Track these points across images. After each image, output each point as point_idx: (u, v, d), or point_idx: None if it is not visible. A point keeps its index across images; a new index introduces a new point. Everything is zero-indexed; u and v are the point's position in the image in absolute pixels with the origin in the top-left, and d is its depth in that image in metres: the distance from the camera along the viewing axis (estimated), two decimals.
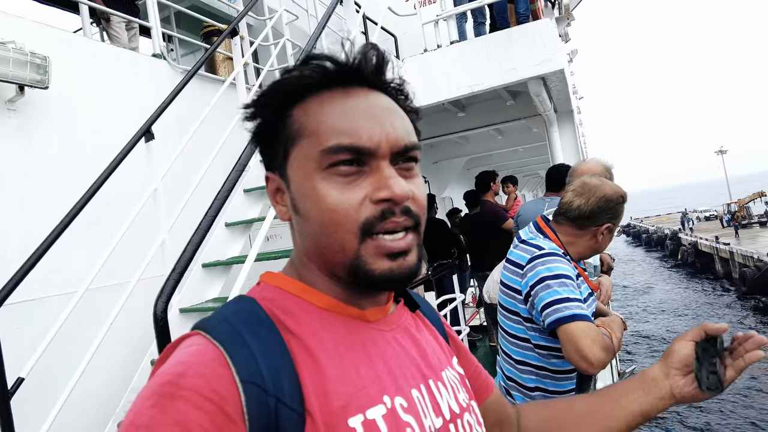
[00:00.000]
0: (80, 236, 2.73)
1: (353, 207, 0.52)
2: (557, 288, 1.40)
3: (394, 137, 0.54)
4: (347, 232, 0.52)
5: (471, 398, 0.66)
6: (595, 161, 2.26)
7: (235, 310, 0.53)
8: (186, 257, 1.94)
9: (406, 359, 0.59)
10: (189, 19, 5.13)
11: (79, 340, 2.46)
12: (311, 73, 0.55)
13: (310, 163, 0.53)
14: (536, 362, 1.54)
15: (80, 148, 3.09)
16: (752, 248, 24.03)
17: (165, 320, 1.74)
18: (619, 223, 1.56)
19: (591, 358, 1.29)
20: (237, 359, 0.46)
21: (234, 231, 3.06)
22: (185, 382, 0.44)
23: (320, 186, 0.52)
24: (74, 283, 2.51)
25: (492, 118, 5.70)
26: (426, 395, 0.57)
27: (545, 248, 1.52)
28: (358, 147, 0.52)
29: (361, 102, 0.55)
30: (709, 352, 0.73)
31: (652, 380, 0.76)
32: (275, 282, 0.58)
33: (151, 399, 0.43)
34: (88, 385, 2.45)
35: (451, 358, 0.69)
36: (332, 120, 0.53)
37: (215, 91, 3.49)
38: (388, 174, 0.53)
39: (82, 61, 3.23)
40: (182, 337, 0.52)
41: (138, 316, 2.63)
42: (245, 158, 2.41)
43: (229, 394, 0.44)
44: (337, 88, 0.56)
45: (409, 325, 0.65)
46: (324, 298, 0.57)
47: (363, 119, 0.53)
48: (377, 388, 0.53)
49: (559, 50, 3.94)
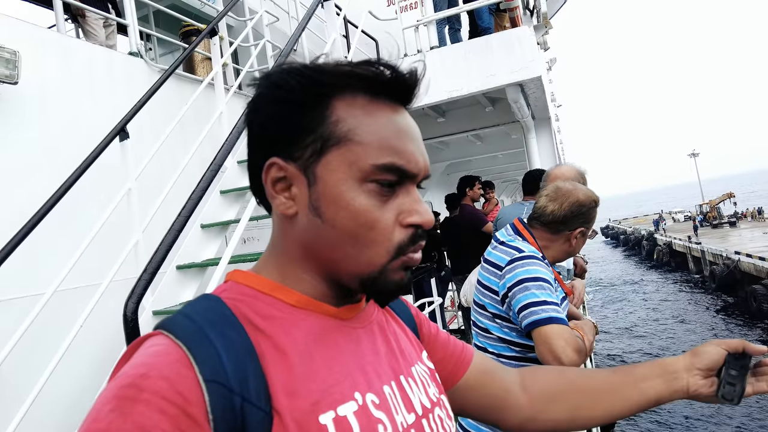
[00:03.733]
0: (50, 237, 2.66)
1: (389, 228, 0.53)
2: (535, 291, 1.42)
3: (426, 165, 0.57)
4: (381, 251, 0.53)
5: (441, 392, 0.66)
6: (569, 166, 2.30)
7: (199, 308, 0.52)
8: (158, 258, 1.90)
9: (378, 356, 0.59)
10: (169, 19, 5.06)
11: (47, 343, 2.40)
12: (366, 72, 0.53)
13: (354, 172, 0.52)
14: (512, 353, 1.56)
15: (52, 145, 3.01)
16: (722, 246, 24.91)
17: (135, 322, 1.71)
18: (592, 227, 1.59)
19: (563, 359, 1.31)
20: (200, 358, 0.45)
21: (209, 233, 3.03)
22: (147, 384, 0.42)
23: (360, 198, 0.52)
24: (43, 285, 2.44)
25: (471, 123, 5.76)
26: (397, 391, 0.58)
27: (525, 251, 1.53)
28: (406, 171, 0.54)
29: (406, 122, 0.56)
30: (738, 365, 0.75)
31: (674, 372, 0.78)
32: (245, 280, 0.57)
33: (110, 403, 0.42)
34: (57, 389, 2.39)
35: (420, 352, 0.69)
36: (386, 136, 0.53)
37: (193, 91, 3.45)
38: (417, 199, 0.56)
39: (54, 57, 3.15)
40: (144, 336, 0.51)
41: (110, 318, 2.57)
42: (220, 158, 2.38)
43: (193, 395, 0.43)
44: (382, 98, 0.55)
45: (380, 322, 0.65)
46: (296, 296, 0.56)
47: (411, 143, 0.55)
48: (348, 385, 0.52)
49: (536, 57, 4.01)
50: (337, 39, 3.74)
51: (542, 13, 4.50)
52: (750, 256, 20.96)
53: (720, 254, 24.00)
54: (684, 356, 0.80)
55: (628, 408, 0.78)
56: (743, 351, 0.75)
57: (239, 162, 3.41)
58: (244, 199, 3.25)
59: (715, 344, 0.77)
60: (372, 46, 5.53)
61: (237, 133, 2.53)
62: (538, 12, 4.70)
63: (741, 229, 34.11)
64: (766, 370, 0.76)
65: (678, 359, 0.79)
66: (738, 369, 0.75)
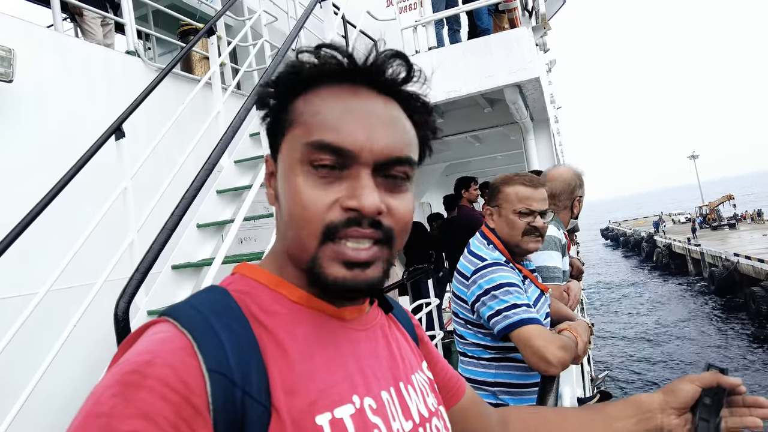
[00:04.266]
0: (44, 236, 2.65)
1: (321, 207, 0.51)
2: (502, 297, 1.44)
3: (380, 146, 0.52)
4: (311, 231, 0.51)
5: (439, 403, 0.66)
6: (566, 167, 2.31)
7: (205, 299, 0.52)
8: (150, 257, 1.89)
9: (378, 360, 0.59)
10: (168, 18, 5.06)
11: (40, 342, 2.39)
12: (321, 64, 0.53)
13: (295, 154, 0.53)
14: (490, 356, 1.58)
15: (47, 144, 3.00)
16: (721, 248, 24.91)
17: (126, 321, 1.69)
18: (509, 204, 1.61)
19: (549, 357, 1.31)
20: (205, 348, 0.45)
21: (205, 232, 3.01)
22: (151, 371, 0.42)
23: (298, 180, 0.52)
24: (36, 284, 2.43)
25: (470, 124, 5.74)
26: (395, 398, 0.57)
27: (487, 259, 1.55)
28: (339, 147, 0.51)
29: (363, 104, 0.53)
30: (713, 404, 0.72)
31: (648, 411, 0.76)
32: (251, 274, 0.57)
33: (113, 387, 0.41)
34: (50, 389, 2.38)
35: (421, 362, 0.69)
36: (324, 114, 0.52)
37: (191, 90, 3.44)
38: (364, 184, 0.51)
39: (51, 56, 3.14)
40: (148, 323, 0.50)
41: (104, 318, 2.55)
42: (215, 157, 2.37)
43: (196, 384, 0.43)
44: (347, 85, 0.54)
45: (383, 327, 0.64)
46: (299, 293, 0.56)
47: (354, 121, 0.52)
48: (347, 387, 0.52)
49: (535, 58, 4.00)
50: (336, 39, 3.74)
51: (541, 15, 4.50)
52: (749, 258, 20.96)
53: (719, 256, 24.02)
54: (658, 394, 0.78)
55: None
56: (717, 385, 0.73)
57: (236, 162, 3.39)
58: (240, 198, 3.24)
59: (688, 381, 0.75)
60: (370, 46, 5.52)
61: (232, 133, 2.52)
62: (536, 13, 4.69)
63: (740, 231, 34.12)
64: (742, 409, 0.73)
65: (652, 397, 0.78)
66: (712, 405, 0.73)
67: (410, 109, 0.58)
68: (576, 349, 1.41)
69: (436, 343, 3.81)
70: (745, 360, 15.63)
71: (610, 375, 14.48)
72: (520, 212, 1.56)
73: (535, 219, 1.55)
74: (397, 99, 0.57)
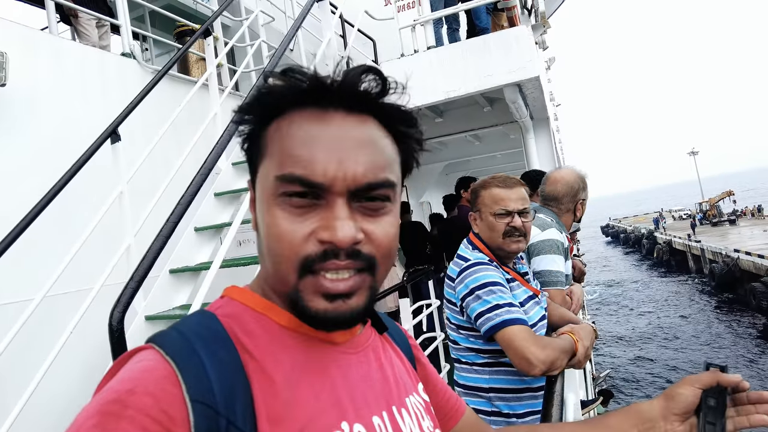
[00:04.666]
0: (40, 241, 2.62)
1: (297, 240, 0.49)
2: (486, 297, 1.46)
3: (353, 174, 0.49)
4: (288, 265, 0.50)
5: (435, 426, 0.64)
6: (569, 169, 2.27)
7: (192, 324, 0.51)
8: (146, 264, 1.86)
9: (370, 384, 0.57)
10: (164, 19, 5.02)
11: (36, 349, 2.36)
12: (287, 88, 0.51)
13: (267, 185, 0.52)
14: (483, 360, 1.58)
15: (42, 148, 2.97)
16: (722, 244, 24.91)
17: (121, 331, 1.66)
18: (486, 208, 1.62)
19: (530, 357, 1.32)
20: (188, 377, 0.44)
21: (203, 236, 2.99)
22: (132, 400, 0.41)
23: (273, 211, 0.51)
24: (32, 290, 2.40)
25: (469, 123, 5.71)
26: (388, 422, 0.56)
27: (471, 259, 1.58)
28: (310, 181, 0.49)
29: (332, 130, 0.51)
30: (718, 405, 0.69)
31: (649, 421, 0.73)
32: (239, 297, 0.56)
33: (94, 417, 0.41)
34: (46, 396, 2.35)
35: (417, 383, 0.67)
36: (292, 145, 0.50)
37: (187, 92, 3.41)
38: (337, 215, 0.49)
39: (45, 59, 3.11)
40: (135, 350, 0.49)
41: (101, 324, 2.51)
42: (212, 160, 2.34)
43: (178, 414, 0.42)
44: (314, 108, 0.51)
45: (376, 348, 0.63)
46: (287, 317, 0.54)
47: (323, 150, 0.49)
48: (336, 414, 0.51)
49: (534, 57, 3.96)
50: (333, 38, 3.70)
51: (540, 12, 4.46)
52: (749, 254, 20.96)
53: (719, 252, 24.04)
54: (658, 401, 0.75)
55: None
56: (718, 384, 0.70)
57: (234, 164, 3.36)
58: (238, 201, 3.21)
59: (689, 383, 0.72)
60: (369, 45, 5.49)
61: (229, 135, 2.49)
62: (536, 11, 4.66)
63: (741, 227, 34.09)
64: (748, 407, 0.70)
65: (653, 405, 0.74)
66: (716, 407, 0.69)
67: (392, 122, 0.55)
68: (570, 349, 1.40)
69: (437, 345, 3.79)
70: (751, 354, 15.63)
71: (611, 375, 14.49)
72: (497, 214, 1.57)
73: (513, 219, 1.56)
74: (376, 115, 0.54)
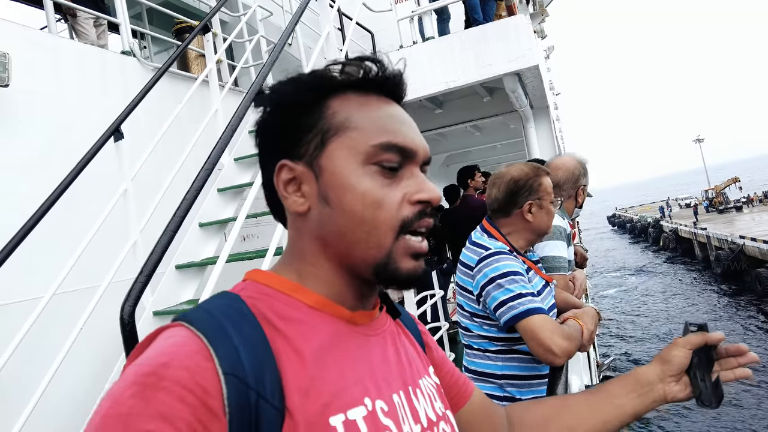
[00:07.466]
0: (47, 240, 2.64)
1: (395, 205, 0.55)
2: (508, 286, 1.44)
3: (425, 147, 0.59)
4: (387, 228, 0.54)
5: (446, 408, 0.67)
6: (569, 156, 2.28)
7: (218, 304, 0.53)
8: (154, 259, 1.88)
9: (388, 365, 0.60)
10: (162, 16, 5.02)
11: (47, 347, 2.39)
12: (355, 71, 0.57)
13: (356, 156, 0.55)
14: (496, 348, 1.58)
15: (46, 148, 2.99)
16: (728, 231, 24.83)
17: (132, 324, 1.69)
18: (548, 196, 1.62)
19: (554, 349, 1.32)
20: (220, 351, 0.46)
21: (208, 231, 3.01)
22: (168, 373, 0.42)
23: (365, 180, 0.54)
24: (41, 288, 2.43)
25: (469, 114, 5.71)
26: (405, 401, 0.58)
27: (491, 248, 1.55)
28: (406, 148, 0.56)
29: (399, 112, 0.59)
30: (706, 362, 0.77)
31: (648, 384, 0.79)
32: (263, 280, 0.58)
33: (132, 388, 0.42)
34: (59, 393, 2.39)
35: (427, 367, 0.70)
36: (380, 120, 0.57)
37: (187, 88, 3.42)
38: (425, 179, 0.58)
39: (45, 58, 3.13)
40: (161, 328, 0.51)
41: (110, 320, 2.55)
42: (215, 156, 2.35)
43: (212, 387, 0.43)
44: (372, 93, 0.59)
45: (392, 333, 0.66)
46: (315, 297, 0.57)
47: (406, 126, 0.58)
48: (359, 390, 0.53)
49: (533, 46, 3.96)
50: (332, 32, 3.70)
51: (538, 1, 4.45)
52: (755, 240, 20.92)
53: (725, 239, 23.97)
54: (654, 365, 0.81)
55: (610, 426, 0.79)
56: (706, 344, 0.77)
57: (236, 159, 3.38)
58: (241, 196, 3.23)
59: (681, 345, 0.79)
60: (367, 38, 5.48)
61: (231, 130, 2.50)
62: (534, 0, 4.64)
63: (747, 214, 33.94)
64: (731, 361, 0.77)
65: (650, 369, 0.81)
66: (705, 363, 0.76)
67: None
68: (581, 338, 1.41)
69: (442, 335, 3.82)
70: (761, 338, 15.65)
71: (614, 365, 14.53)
72: (553, 201, 1.64)
73: None
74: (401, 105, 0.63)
